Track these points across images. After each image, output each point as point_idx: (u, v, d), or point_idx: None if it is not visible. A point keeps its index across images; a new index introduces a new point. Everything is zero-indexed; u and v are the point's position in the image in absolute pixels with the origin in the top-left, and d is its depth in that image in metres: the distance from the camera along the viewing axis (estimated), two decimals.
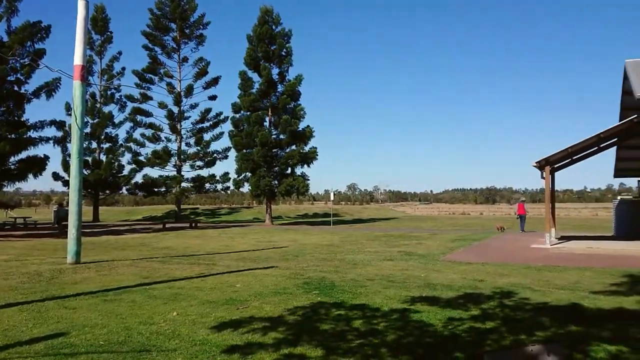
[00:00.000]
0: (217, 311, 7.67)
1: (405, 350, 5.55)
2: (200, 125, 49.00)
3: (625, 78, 18.43)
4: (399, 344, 5.79)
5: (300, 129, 39.72)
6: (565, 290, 9.39)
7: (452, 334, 6.22)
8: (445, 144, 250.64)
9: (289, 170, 40.22)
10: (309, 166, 40.20)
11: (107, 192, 51.12)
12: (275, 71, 40.26)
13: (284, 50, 39.82)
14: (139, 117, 47.90)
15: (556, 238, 20.95)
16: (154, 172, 48.58)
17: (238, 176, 41.05)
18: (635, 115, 17.02)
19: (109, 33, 48.90)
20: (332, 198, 42.00)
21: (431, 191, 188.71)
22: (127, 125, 49.27)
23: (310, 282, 10.52)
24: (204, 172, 48.82)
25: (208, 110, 48.62)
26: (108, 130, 48.39)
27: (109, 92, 48.73)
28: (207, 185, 49.12)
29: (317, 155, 39.87)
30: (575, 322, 6.80)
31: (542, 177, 19.15)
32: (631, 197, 28.20)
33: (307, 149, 39.86)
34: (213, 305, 8.14)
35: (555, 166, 20.66)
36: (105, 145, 48.48)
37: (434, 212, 79.71)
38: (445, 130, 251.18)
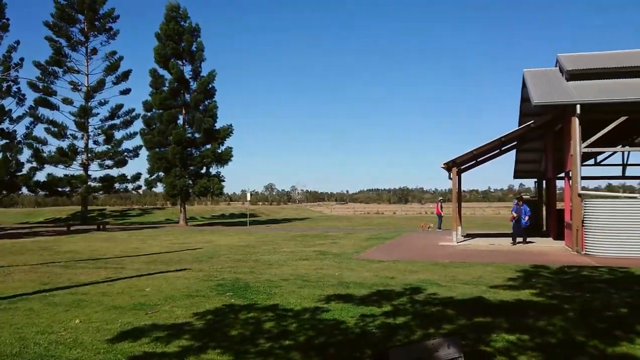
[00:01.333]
0: (124, 317, 7.31)
1: (317, 350, 5.58)
2: (111, 122, 46.57)
3: (524, 86, 19.81)
4: (310, 344, 5.81)
5: (216, 127, 38.98)
6: (470, 285, 9.90)
7: (363, 331, 6.34)
8: (361, 145, 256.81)
9: (204, 170, 39.35)
10: (224, 166, 39.61)
11: (4, 192, 47.21)
12: (187, 68, 39.28)
13: (195, 46, 38.90)
14: (40, 112, 44.63)
15: (462, 236, 22.08)
16: (59, 171, 45.53)
17: (150, 176, 39.59)
18: (532, 121, 18.32)
19: (4, 20, 45.16)
20: (248, 198, 41.57)
21: (347, 191, 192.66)
22: (28, 120, 45.69)
23: (224, 283, 10.33)
24: (114, 172, 46.50)
25: (119, 107, 46.32)
26: (4, 125, 44.69)
27: (4, 85, 44.99)
28: (117, 185, 46.76)
29: (233, 154, 39.39)
30: (479, 314, 7.18)
31: (450, 178, 20.11)
32: (529, 196, 30.32)
33: (222, 148, 39.20)
34: (120, 310, 7.76)
35: (462, 167, 21.77)
36: (1, 142, 44.75)
37: (349, 212, 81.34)
38: (360, 132, 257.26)
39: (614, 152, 23.62)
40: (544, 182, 25.15)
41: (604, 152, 22.35)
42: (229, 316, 7.32)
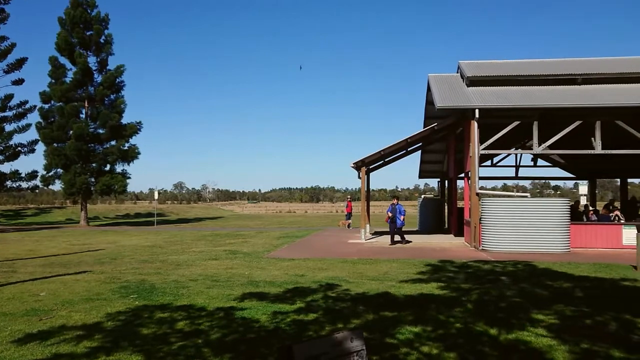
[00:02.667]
0: (15, 324, 6.78)
1: (229, 348, 5.51)
2: (1, 115, 42.92)
3: (429, 90, 20.78)
4: (222, 342, 5.73)
5: (122, 123, 37.15)
6: (377, 281, 10.24)
7: (275, 328, 6.35)
8: (272, 143, 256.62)
9: (108, 167, 37.39)
10: (130, 164, 37.89)
11: None
12: (93, 59, 37.12)
13: (103, 37, 36.88)
14: None
15: (370, 233, 22.76)
16: None
17: (47, 172, 36.90)
18: (436, 124, 19.28)
19: None
20: (156, 197, 40.09)
21: (259, 190, 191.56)
22: None
23: (128, 285, 9.90)
24: (5, 168, 42.87)
25: (9, 97, 42.75)
26: None
27: None
28: (9, 182, 43.22)
29: (139, 151, 37.73)
30: (385, 309, 7.44)
31: (359, 177, 20.66)
32: (432, 195, 31.89)
33: (128, 145, 37.46)
34: (10, 317, 7.18)
35: (371, 167, 22.45)
36: None
37: (261, 210, 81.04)
38: (272, 130, 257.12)
39: (509, 154, 25.45)
40: (446, 181, 26.57)
41: (499, 154, 23.98)
42: (135, 318, 7.03)
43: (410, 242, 19.03)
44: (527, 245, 15.69)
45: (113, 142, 37.14)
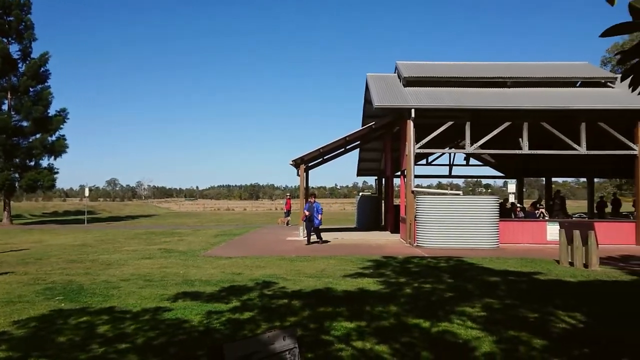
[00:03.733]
0: None
1: (157, 351, 5.34)
2: None
3: (367, 89, 21.07)
4: (149, 346, 5.54)
5: (48, 115, 35.21)
6: (314, 278, 10.27)
7: (208, 328, 6.22)
8: (211, 140, 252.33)
9: (33, 162, 35.37)
10: (57, 158, 35.96)
11: None
12: (15, 47, 34.93)
13: (23, 23, 34.68)
14: None
15: None
16: None
17: None
18: (374, 122, 19.59)
19: None
20: (87, 194, 38.42)
21: (197, 187, 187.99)
22: None
23: (54, 287, 9.41)
24: None
25: None
26: None
27: None
28: None
29: (67, 145, 35.88)
30: (321, 305, 7.46)
31: (298, 175, 20.67)
32: (370, 193, 32.37)
33: (54, 138, 35.54)
34: None
35: (310, 164, 22.52)
36: None
37: (199, 208, 79.48)
38: (211, 127, 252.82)
39: (443, 153, 26.26)
40: (384, 179, 27.08)
41: (434, 153, 24.69)
42: (58, 321, 6.68)
43: (329, 241, 18.34)
44: (459, 241, 16.25)
45: (38, 135, 35.13)
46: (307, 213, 17.96)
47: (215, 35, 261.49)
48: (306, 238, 18.06)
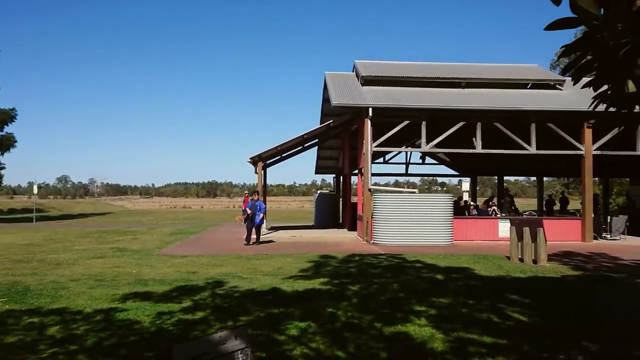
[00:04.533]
0: None
1: (107, 353, 5.19)
2: None
3: (325, 88, 21.11)
4: (100, 347, 5.38)
5: None
6: (271, 276, 10.22)
7: (159, 329, 6.09)
8: (168, 136, 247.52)
9: None
10: (4, 154, 34.51)
11: None
12: None
13: None
14: None
15: (267, 229, 22.68)
16: None
17: None
18: (332, 121, 19.65)
19: None
20: (35, 191, 36.95)
21: (153, 185, 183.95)
22: None
23: None
24: None
25: None
26: None
27: None
28: None
29: (16, 140, 34.50)
30: (275, 304, 7.43)
31: (256, 172, 20.52)
32: (328, 191, 32.50)
33: (2, 134, 34.10)
34: None
35: (268, 162, 22.39)
36: None
37: (155, 206, 77.82)
38: (167, 123, 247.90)
39: (400, 152, 26.62)
40: (341, 177, 27.22)
41: (391, 151, 24.99)
42: (3, 324, 6.39)
43: (265, 242, 17.33)
44: (414, 238, 16.51)
45: None
46: (249, 211, 16.94)
47: (173, 31, 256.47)
48: (248, 237, 16.91)
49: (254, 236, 17.02)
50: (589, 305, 7.84)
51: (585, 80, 2.71)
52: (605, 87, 2.59)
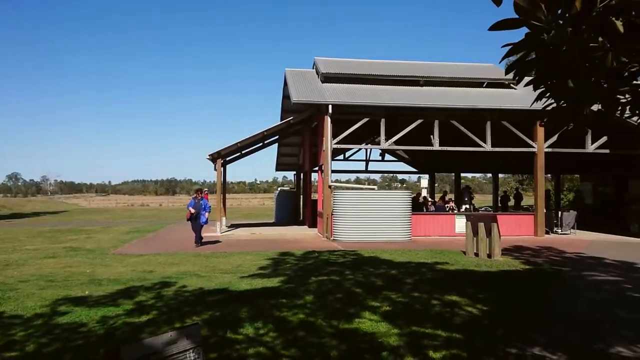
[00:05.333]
0: None
1: (49, 358, 5.01)
2: None
3: (285, 84, 21.04)
4: (41, 354, 5.17)
5: None
6: (229, 274, 10.12)
7: (109, 331, 5.92)
8: (125, 132, 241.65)
9: None
10: None
11: None
12: None
13: None
14: None
15: (227, 226, 22.48)
16: None
17: None
18: (292, 117, 19.60)
19: None
20: None
21: (109, 182, 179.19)
22: None
23: None
24: None
25: None
26: None
27: None
28: None
29: None
30: (233, 303, 7.35)
31: (215, 169, 20.27)
32: (289, 188, 32.43)
33: None
34: None
35: (227, 159, 22.13)
36: None
37: (111, 204, 75.84)
38: (125, 118, 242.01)
39: (360, 149, 26.81)
40: (302, 174, 27.22)
41: (351, 148, 25.19)
42: None
43: (211, 242, 16.50)
44: (374, 234, 16.68)
45: None
46: (192, 211, 15.54)
47: (130, 26, 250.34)
48: (197, 238, 15.76)
49: (215, 234, 16.75)
50: (538, 298, 8.09)
51: (528, 78, 2.78)
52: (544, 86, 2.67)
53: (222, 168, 20.74)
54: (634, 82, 2.75)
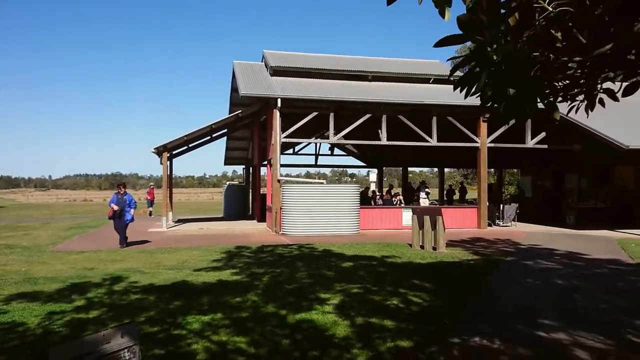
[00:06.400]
0: None
1: None
2: None
3: (234, 77, 20.74)
4: None
5: None
6: (174, 270, 9.89)
7: (47, 331, 5.66)
8: (67, 124, 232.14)
9: None
10: None
11: None
12: None
13: None
14: None
15: (173, 221, 22.03)
16: None
17: None
18: (240, 111, 19.36)
19: None
20: None
21: (50, 176, 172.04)
22: None
23: None
24: None
25: None
26: None
27: None
28: None
29: None
30: (178, 299, 7.19)
31: (161, 163, 19.77)
32: (238, 182, 32.10)
33: None
34: None
35: (174, 152, 21.62)
36: None
37: (51, 199, 72.64)
38: (66, 110, 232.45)
39: (309, 143, 26.82)
40: (251, 168, 26.98)
41: (301, 142, 25.14)
42: None
43: (135, 243, 14.83)
44: (323, 228, 16.74)
45: None
46: (115, 208, 13.96)
47: (75, 15, 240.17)
48: (122, 239, 14.16)
49: (161, 229, 16.35)
50: (479, 288, 8.35)
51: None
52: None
53: (168, 162, 20.26)
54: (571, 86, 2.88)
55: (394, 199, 21.12)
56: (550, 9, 2.26)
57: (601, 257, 11.69)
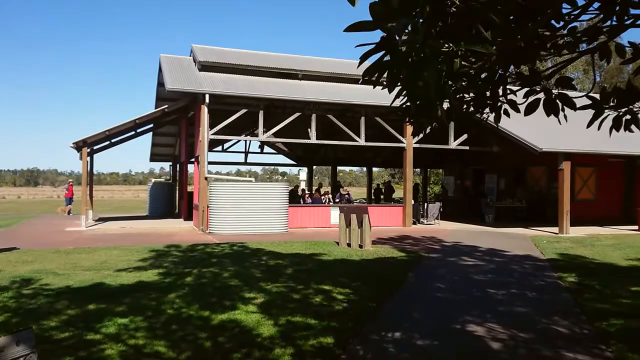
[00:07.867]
0: None
1: None
2: None
3: (160, 71, 20.07)
4: None
5: None
6: (91, 271, 9.41)
7: None
8: None
9: None
10: None
11: None
12: None
13: None
14: None
15: (94, 220, 21.03)
16: None
17: None
18: (167, 106, 18.78)
19: None
20: None
21: None
22: None
23: None
24: None
25: None
26: None
27: None
28: None
29: None
30: (94, 301, 6.83)
31: (81, 159, 18.80)
32: (164, 180, 31.10)
33: None
34: None
35: (95, 148, 20.66)
36: None
37: None
38: None
39: (238, 140, 26.46)
40: (178, 165, 26.26)
41: (229, 139, 24.76)
42: None
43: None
44: (251, 227, 16.55)
45: None
46: None
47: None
48: None
49: (80, 228, 15.53)
50: (401, 283, 8.56)
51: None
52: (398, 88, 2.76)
53: (88, 157, 19.31)
54: (477, 81, 2.96)
55: (323, 197, 21.26)
56: (457, 2, 2.29)
57: (519, 254, 12.34)
